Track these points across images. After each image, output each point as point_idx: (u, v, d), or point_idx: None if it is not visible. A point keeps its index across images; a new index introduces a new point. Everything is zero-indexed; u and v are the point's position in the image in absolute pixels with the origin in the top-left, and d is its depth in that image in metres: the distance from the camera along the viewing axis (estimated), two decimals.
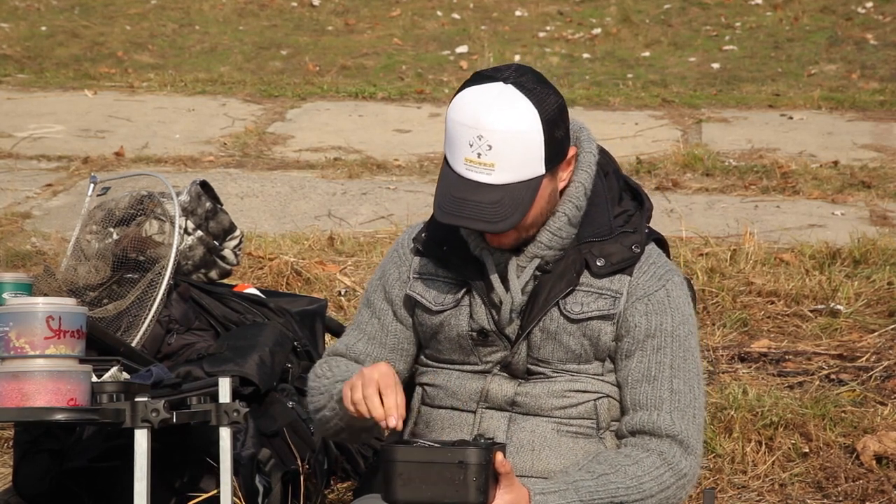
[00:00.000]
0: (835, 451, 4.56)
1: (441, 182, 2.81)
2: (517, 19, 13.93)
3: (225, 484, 3.15)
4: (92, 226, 4.39)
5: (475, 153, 2.74)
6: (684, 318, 2.90)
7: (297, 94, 10.73)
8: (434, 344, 2.97)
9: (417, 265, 2.98)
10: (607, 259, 2.87)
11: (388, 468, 2.64)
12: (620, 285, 2.88)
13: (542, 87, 2.78)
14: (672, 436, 2.84)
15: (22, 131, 9.36)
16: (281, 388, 4.12)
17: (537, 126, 2.74)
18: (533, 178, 2.76)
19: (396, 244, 3.07)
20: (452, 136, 2.77)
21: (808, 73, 11.98)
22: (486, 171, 2.74)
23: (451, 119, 2.78)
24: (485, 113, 2.74)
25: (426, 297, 2.95)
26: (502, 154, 2.73)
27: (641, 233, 2.92)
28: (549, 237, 2.85)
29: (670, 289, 2.90)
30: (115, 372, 3.10)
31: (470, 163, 2.75)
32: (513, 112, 2.74)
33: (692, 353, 2.90)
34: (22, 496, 3.94)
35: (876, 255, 6.41)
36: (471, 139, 2.74)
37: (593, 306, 2.87)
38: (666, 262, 2.95)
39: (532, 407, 2.90)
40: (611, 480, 2.79)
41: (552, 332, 2.87)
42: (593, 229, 2.89)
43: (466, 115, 2.75)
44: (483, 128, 2.73)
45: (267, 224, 7.29)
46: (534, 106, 2.75)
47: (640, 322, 2.87)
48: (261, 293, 4.48)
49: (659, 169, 8.46)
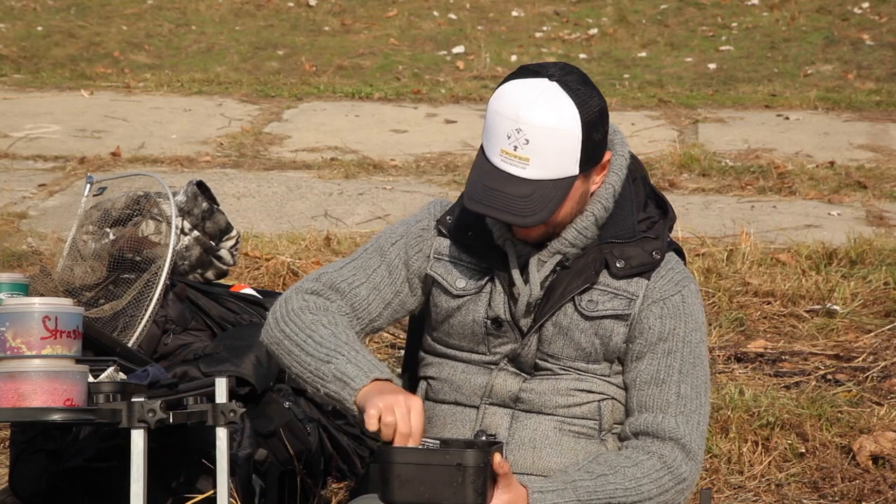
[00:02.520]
0: (831, 451, 4.56)
1: (474, 170, 2.82)
2: (514, 19, 13.93)
3: (221, 484, 3.14)
4: (88, 226, 4.39)
5: (512, 146, 2.75)
6: (697, 326, 2.92)
7: (294, 95, 10.73)
8: (445, 328, 2.97)
9: (439, 246, 2.98)
10: (627, 261, 2.89)
11: (386, 469, 2.64)
12: (637, 288, 2.89)
13: (587, 88, 2.79)
14: (675, 439, 2.84)
15: (18, 131, 9.35)
16: (277, 388, 4.12)
17: (577, 127, 2.76)
18: (566, 177, 2.78)
19: (423, 215, 3.04)
20: (491, 125, 2.78)
21: (804, 74, 11.98)
22: (520, 164, 2.75)
23: (492, 109, 2.79)
24: (526, 108, 2.75)
25: (447, 280, 2.95)
26: (539, 150, 2.74)
27: (663, 240, 2.94)
28: (574, 235, 2.87)
29: (686, 295, 2.92)
30: (111, 372, 3.10)
31: (505, 154, 2.76)
32: (554, 110, 2.75)
33: (702, 361, 2.92)
34: (18, 496, 3.94)
35: (872, 255, 6.42)
36: (509, 131, 2.75)
37: (608, 305, 2.88)
38: (683, 269, 2.97)
39: (536, 404, 2.90)
40: (609, 481, 2.79)
41: (564, 327, 2.88)
42: (616, 231, 2.90)
43: (508, 108, 2.76)
44: (523, 122, 2.74)
45: (263, 224, 7.29)
46: (576, 106, 2.76)
47: (654, 325, 2.89)
48: (257, 293, 4.47)
49: (655, 169, 8.46)
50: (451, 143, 9.27)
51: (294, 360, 2.86)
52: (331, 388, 2.79)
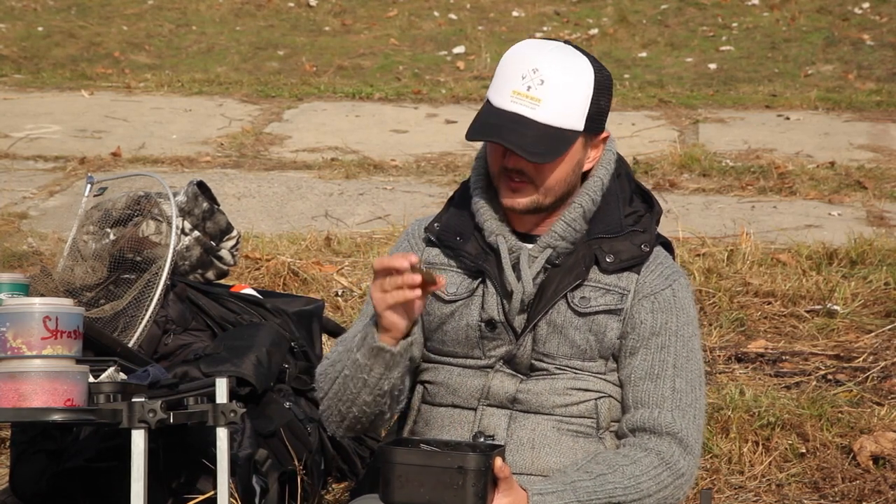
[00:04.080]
0: (832, 451, 4.56)
1: (477, 116, 2.84)
2: (514, 20, 13.93)
3: (222, 484, 3.15)
4: (89, 226, 4.38)
5: (525, 86, 2.78)
6: (689, 320, 2.94)
7: (294, 95, 10.73)
8: (438, 335, 2.97)
9: (428, 256, 2.99)
10: (616, 255, 2.90)
11: (387, 469, 2.64)
12: (628, 283, 2.91)
13: (596, 60, 2.88)
14: (672, 434, 2.85)
15: (18, 131, 9.35)
16: (278, 388, 4.12)
17: (590, 81, 2.82)
18: (571, 129, 2.81)
19: (405, 235, 3.06)
20: (504, 71, 2.81)
21: (804, 74, 11.99)
22: (531, 104, 2.78)
23: (506, 58, 2.83)
24: (545, 52, 2.81)
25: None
26: (552, 92, 2.78)
27: (651, 233, 2.95)
28: (564, 227, 2.88)
29: (677, 289, 2.93)
30: (111, 372, 3.10)
31: (517, 95, 2.79)
32: (571, 59, 2.82)
33: (695, 355, 2.93)
34: (19, 496, 3.94)
35: (872, 255, 6.42)
36: (525, 72, 2.79)
37: (601, 301, 2.89)
38: (672, 263, 2.99)
39: (533, 404, 2.90)
40: (608, 480, 2.79)
41: (558, 325, 2.88)
42: (604, 226, 2.92)
43: (525, 53, 2.81)
44: (540, 62, 2.78)
45: (264, 224, 7.29)
46: (591, 64, 2.84)
47: (646, 319, 2.90)
48: (258, 293, 4.47)
49: (656, 169, 8.46)
50: (452, 144, 9.28)
51: (348, 396, 2.86)
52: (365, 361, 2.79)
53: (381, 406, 2.87)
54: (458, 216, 2.95)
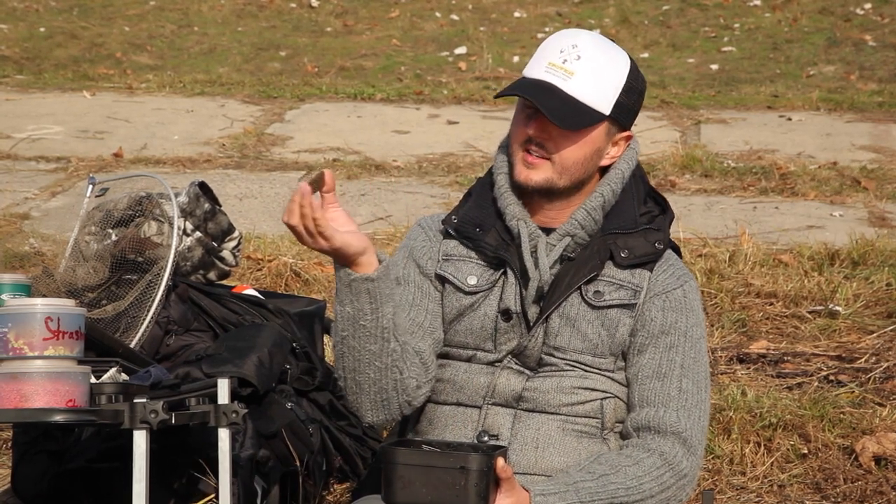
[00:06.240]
0: (833, 452, 4.56)
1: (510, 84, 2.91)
2: (516, 20, 13.93)
3: (223, 485, 3.15)
4: (90, 227, 4.38)
5: (562, 59, 2.85)
6: (698, 321, 2.96)
7: (296, 95, 10.73)
8: (455, 326, 2.97)
9: (446, 248, 3.00)
10: (631, 251, 2.93)
11: (389, 470, 2.64)
12: (641, 280, 2.93)
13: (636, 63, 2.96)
14: (676, 433, 2.85)
15: (20, 132, 9.35)
16: (279, 389, 4.11)
17: (625, 71, 2.89)
18: (597, 110, 2.86)
19: (421, 225, 3.06)
20: (542, 49, 2.89)
21: (806, 75, 11.98)
22: (564, 75, 2.85)
23: (548, 38, 2.91)
24: (587, 35, 2.90)
25: (458, 278, 2.96)
26: (586, 69, 2.84)
27: (665, 232, 2.99)
28: (584, 215, 2.91)
29: (687, 290, 2.96)
30: (113, 373, 3.10)
31: (552, 66, 2.86)
32: (611, 47, 2.91)
33: (703, 357, 2.95)
34: (20, 497, 3.94)
35: (874, 256, 6.42)
36: (564, 46, 2.86)
37: (614, 296, 2.91)
38: (683, 266, 3.02)
39: (539, 403, 2.90)
40: (611, 481, 2.80)
41: (571, 318, 2.90)
42: (619, 222, 2.94)
43: (568, 32, 2.92)
44: (581, 41, 2.87)
45: (266, 225, 7.29)
46: (629, 59, 2.91)
47: (656, 317, 2.91)
48: (259, 294, 4.47)
49: (657, 170, 8.46)
50: (454, 144, 9.27)
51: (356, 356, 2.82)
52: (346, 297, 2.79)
53: (393, 359, 2.81)
54: (477, 208, 2.97)
